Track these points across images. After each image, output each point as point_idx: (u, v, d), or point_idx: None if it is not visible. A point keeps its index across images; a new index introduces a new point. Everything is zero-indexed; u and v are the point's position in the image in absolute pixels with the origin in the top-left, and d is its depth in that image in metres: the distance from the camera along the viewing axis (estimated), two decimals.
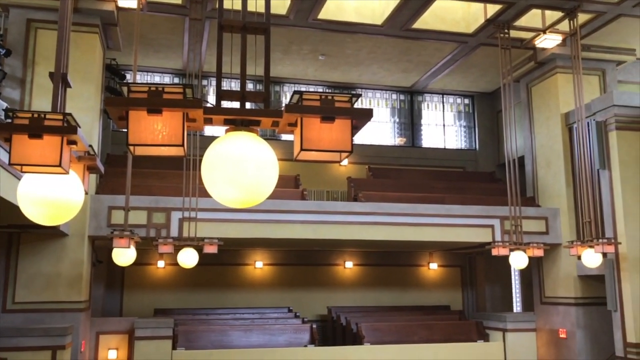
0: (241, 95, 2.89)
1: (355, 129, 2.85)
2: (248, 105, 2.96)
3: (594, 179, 11.63)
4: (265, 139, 2.84)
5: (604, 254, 10.17)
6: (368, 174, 14.98)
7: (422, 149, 16.55)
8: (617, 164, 11.11)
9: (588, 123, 11.55)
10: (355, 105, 2.83)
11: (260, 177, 2.66)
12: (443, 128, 16.96)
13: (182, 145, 2.69)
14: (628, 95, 11.64)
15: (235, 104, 2.93)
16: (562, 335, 12.27)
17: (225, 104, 2.95)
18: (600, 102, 11.67)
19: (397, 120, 16.64)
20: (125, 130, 2.70)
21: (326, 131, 2.75)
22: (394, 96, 16.63)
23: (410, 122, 16.71)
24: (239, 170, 2.63)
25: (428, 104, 16.91)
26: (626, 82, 14.11)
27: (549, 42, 12.38)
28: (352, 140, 2.82)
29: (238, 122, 2.77)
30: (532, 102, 13.92)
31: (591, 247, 9.78)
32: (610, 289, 11.03)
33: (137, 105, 2.66)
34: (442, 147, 16.79)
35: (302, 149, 2.72)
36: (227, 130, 2.79)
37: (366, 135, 16.14)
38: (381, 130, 16.47)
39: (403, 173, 15.31)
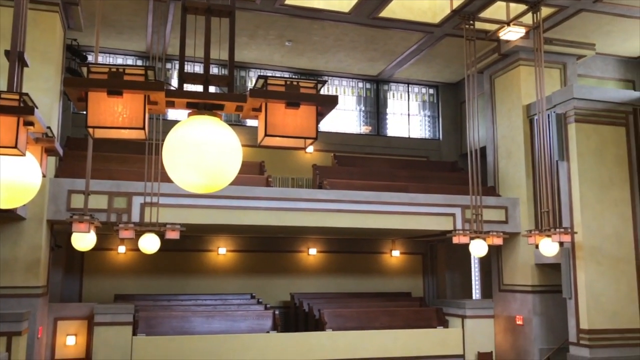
0: (205, 79, 2.84)
1: (320, 115, 2.85)
2: (212, 89, 2.92)
3: (553, 170, 11.90)
4: (229, 125, 2.81)
5: (561, 243, 10.44)
6: (333, 162, 15.03)
7: (387, 138, 16.66)
8: (575, 155, 11.40)
9: (548, 115, 11.80)
10: (321, 92, 2.82)
11: (223, 162, 2.63)
12: (408, 117, 17.10)
13: (143, 128, 2.64)
14: (587, 89, 11.93)
15: (199, 88, 2.89)
16: (519, 322, 12.61)
17: (189, 87, 2.90)
18: (560, 94, 11.93)
19: (363, 108, 16.70)
20: (85, 112, 2.63)
21: (291, 117, 2.74)
22: (360, 84, 16.67)
23: (375, 110, 16.79)
24: (201, 154, 2.59)
25: (393, 93, 17.01)
26: (586, 76, 14.45)
27: (512, 34, 12.56)
28: (317, 126, 2.81)
29: (201, 105, 2.73)
30: (494, 94, 14.14)
31: (548, 236, 10.03)
32: (565, 277, 11.36)
33: (96, 86, 2.59)
34: (407, 136, 16.94)
35: (266, 135, 2.71)
36: (189, 114, 2.75)
37: (332, 123, 16.15)
38: (347, 118, 16.51)
39: (368, 161, 15.40)
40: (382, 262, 15.66)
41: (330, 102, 2.74)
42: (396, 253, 15.66)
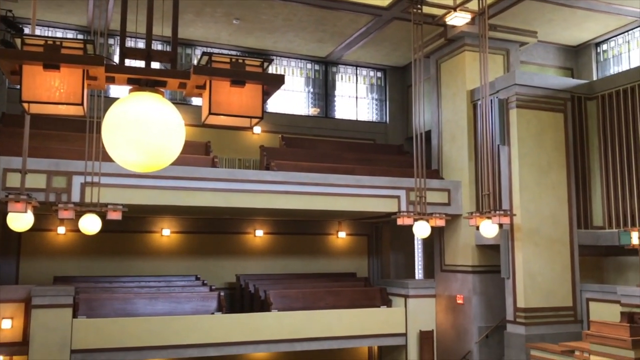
0: (147, 54, 2.76)
1: (266, 94, 2.82)
2: (154, 65, 2.84)
3: (495, 154, 12.25)
4: (174, 104, 2.75)
5: (500, 225, 10.81)
6: (281, 143, 14.97)
7: (334, 120, 16.71)
8: (516, 140, 11.76)
9: (491, 100, 12.09)
10: (268, 72, 2.79)
11: (165, 141, 2.56)
12: (356, 100, 17.18)
13: (82, 104, 2.55)
14: (529, 75, 12.28)
15: (141, 64, 2.80)
16: (460, 301, 13.00)
17: (131, 63, 2.80)
18: (503, 80, 12.25)
19: (311, 90, 16.66)
20: (19, 86, 2.51)
21: (236, 95, 2.70)
22: (309, 66, 16.61)
23: (324, 92, 16.78)
24: (142, 132, 2.52)
25: (342, 76, 17.04)
26: (528, 63, 14.86)
27: (458, 19, 12.76)
28: (262, 106, 2.78)
29: (143, 82, 2.65)
30: (440, 78, 14.38)
31: (489, 218, 10.34)
32: (504, 258, 11.77)
33: (31, 59, 2.48)
34: (354, 119, 17.03)
35: (210, 113, 2.66)
36: (131, 91, 2.67)
37: (280, 104, 16.06)
38: (295, 99, 16.44)
39: (316, 143, 15.42)
40: (328, 243, 15.79)
41: (277, 81, 2.72)
42: (342, 234, 15.82)
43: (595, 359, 8.41)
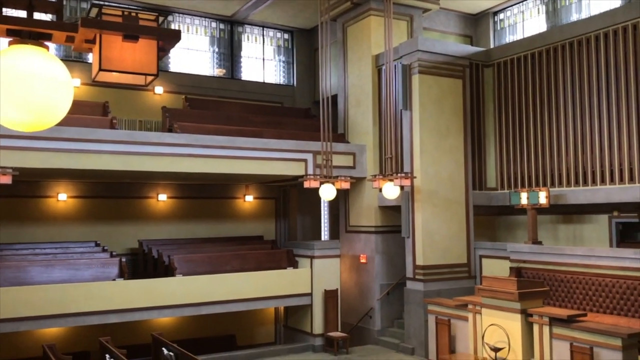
0: (28, 3, 2.54)
1: (162, 51, 2.69)
2: (38, 16, 2.62)
3: (398, 119, 12.59)
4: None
5: (402, 187, 11.21)
6: (184, 105, 14.54)
7: (241, 82, 16.43)
8: (418, 105, 12.12)
9: (395, 66, 12.34)
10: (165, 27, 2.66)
11: (51, 98, 2.38)
12: (263, 62, 16.95)
13: None
14: (431, 42, 12.62)
15: (22, 14, 2.57)
16: (363, 260, 13.43)
17: (10, 13, 2.57)
18: (406, 46, 12.51)
19: (217, 50, 16.22)
20: None
21: (129, 51, 2.55)
22: (214, 24, 16.12)
23: (230, 53, 16.40)
24: (25, 89, 2.33)
25: (248, 36, 16.70)
26: (430, 30, 15.25)
27: None
28: (158, 62, 2.66)
29: (24, 34, 2.44)
30: (346, 42, 14.46)
31: (391, 180, 10.69)
32: (405, 218, 12.24)
33: None
34: (262, 81, 16.82)
35: (100, 69, 2.51)
36: (10, 43, 2.45)
37: (183, 64, 15.53)
38: (199, 59, 15.95)
39: (221, 105, 15.11)
40: (236, 207, 15.69)
41: (173, 36, 2.60)
42: (249, 198, 15.76)
43: (486, 312, 9.00)
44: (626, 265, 9.29)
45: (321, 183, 10.85)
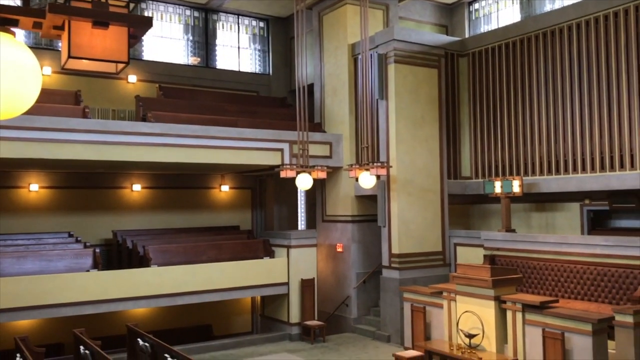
0: None
1: (133, 38, 2.64)
2: (4, 1, 2.55)
3: (374, 108, 12.61)
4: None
5: (378, 176, 11.26)
6: (158, 93, 14.35)
7: (216, 70, 16.27)
8: (394, 94, 12.15)
9: (371, 55, 12.34)
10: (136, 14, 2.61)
11: (18, 86, 2.33)
12: (238, 50, 16.80)
13: None
14: (406, 31, 12.63)
15: None
16: (339, 250, 13.48)
17: None
18: (382, 35, 12.51)
19: (191, 38, 16.02)
20: None
21: (99, 38, 2.50)
22: (188, 12, 15.91)
23: (204, 41, 16.22)
24: None
25: (223, 24, 16.53)
26: (406, 19, 15.25)
27: None
28: (128, 50, 2.61)
29: None
30: (322, 31, 14.40)
31: (367, 170, 10.72)
32: (381, 207, 12.30)
33: None
34: (237, 69, 16.68)
35: (69, 57, 2.45)
36: None
37: (157, 52, 15.31)
38: (174, 47, 15.74)
39: (196, 94, 14.96)
40: (211, 197, 15.59)
41: (144, 23, 2.55)
42: (225, 188, 15.68)
43: (461, 299, 9.12)
44: (597, 252, 9.49)
45: (297, 173, 10.84)
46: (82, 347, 8.40)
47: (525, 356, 8.23)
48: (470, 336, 8.68)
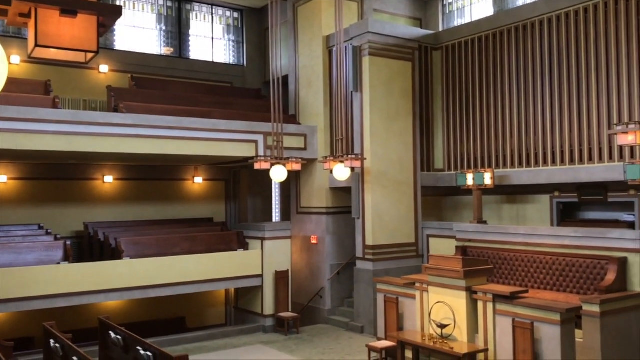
0: None
1: (102, 27, 2.60)
2: None
3: (348, 101, 12.63)
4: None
5: (352, 169, 11.30)
6: (131, 84, 14.14)
7: (189, 61, 16.10)
8: (368, 87, 12.19)
9: (346, 47, 12.34)
10: (105, 2, 2.57)
11: None
12: (212, 41, 16.65)
13: None
14: (381, 24, 12.66)
15: None
16: (314, 241, 13.51)
17: None
18: (357, 28, 12.52)
19: (164, 28, 15.82)
20: None
21: (67, 26, 2.45)
22: (161, 2, 15.69)
23: (177, 31, 16.03)
24: None
25: (197, 14, 16.35)
26: (380, 12, 15.23)
27: None
28: (98, 39, 2.57)
29: None
30: (297, 23, 14.34)
31: (341, 162, 10.75)
32: (355, 199, 12.36)
33: None
34: (211, 60, 16.53)
35: (36, 45, 2.40)
36: None
37: (129, 42, 15.09)
38: (146, 37, 15.52)
39: (169, 85, 14.79)
40: (185, 189, 15.47)
41: (114, 12, 2.52)
42: (199, 180, 15.57)
43: (433, 290, 9.22)
44: (566, 243, 9.67)
45: (272, 164, 10.82)
46: (52, 341, 8.28)
47: (496, 345, 8.38)
48: (442, 326, 8.79)
